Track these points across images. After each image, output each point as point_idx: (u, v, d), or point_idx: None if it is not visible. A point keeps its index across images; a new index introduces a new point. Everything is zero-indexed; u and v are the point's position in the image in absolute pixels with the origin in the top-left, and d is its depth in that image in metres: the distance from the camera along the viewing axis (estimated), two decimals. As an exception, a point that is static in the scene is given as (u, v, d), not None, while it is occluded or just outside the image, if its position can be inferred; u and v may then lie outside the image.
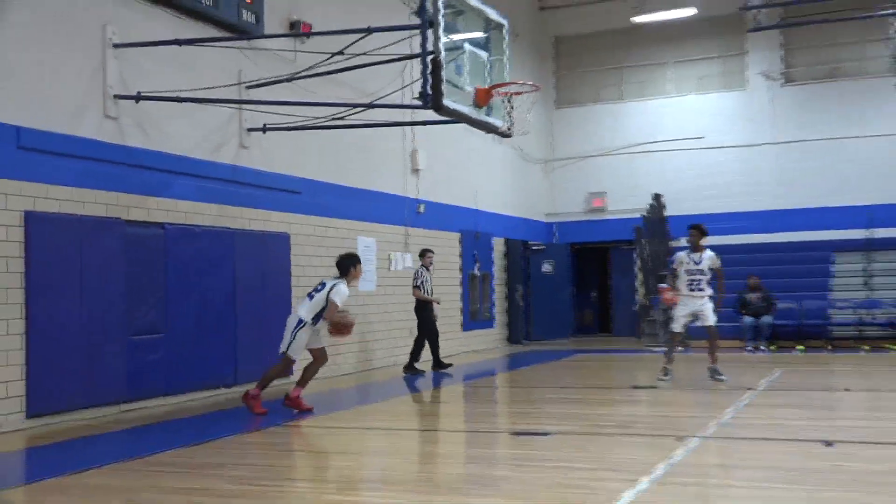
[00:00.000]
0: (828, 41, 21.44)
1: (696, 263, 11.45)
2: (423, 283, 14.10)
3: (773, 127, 21.54)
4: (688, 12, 21.38)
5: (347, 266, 9.64)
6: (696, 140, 21.82)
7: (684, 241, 21.29)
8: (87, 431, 8.66)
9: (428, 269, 14.29)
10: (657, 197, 21.36)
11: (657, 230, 21.12)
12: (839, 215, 20.39)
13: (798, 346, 17.20)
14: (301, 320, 9.41)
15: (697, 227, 11.68)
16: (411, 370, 14.00)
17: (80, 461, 7.10)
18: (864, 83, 20.74)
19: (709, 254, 11.49)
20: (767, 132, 21.58)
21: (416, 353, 14.18)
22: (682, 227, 21.40)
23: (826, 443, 7.19)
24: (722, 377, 11.26)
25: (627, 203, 21.75)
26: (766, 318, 17.63)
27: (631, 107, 22.90)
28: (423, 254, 14.49)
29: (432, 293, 14.34)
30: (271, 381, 9.70)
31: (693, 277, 11.43)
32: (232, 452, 7.55)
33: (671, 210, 21.55)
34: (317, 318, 9.40)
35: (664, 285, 18.72)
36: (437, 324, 14.49)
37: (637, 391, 11.48)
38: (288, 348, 9.44)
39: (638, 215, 21.10)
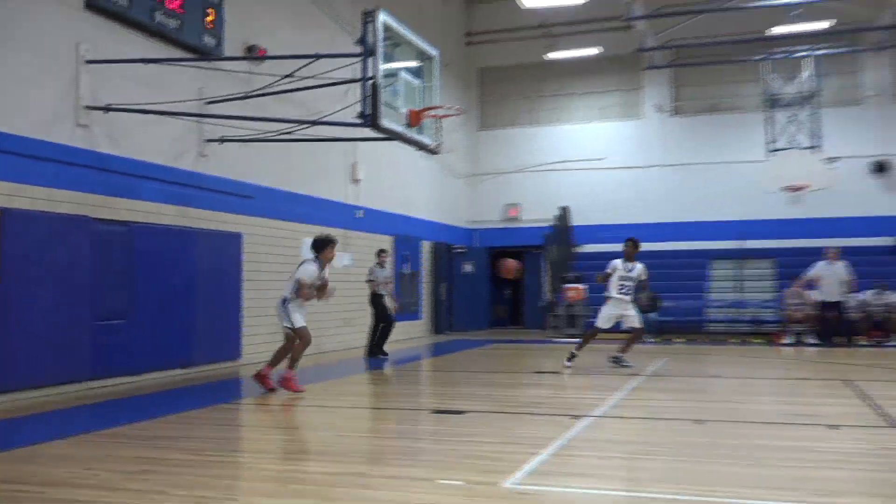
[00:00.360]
0: (710, 80, 21.98)
1: (628, 272, 11.58)
2: (375, 277, 14.13)
3: (663, 152, 21.98)
4: (593, 51, 21.75)
5: (317, 246, 9.49)
6: (598, 161, 22.16)
7: (587, 248, 21.80)
8: (53, 406, 8.41)
9: (382, 266, 14.30)
10: (564, 209, 21.63)
11: (563, 237, 21.39)
12: (716, 228, 20.91)
13: (679, 339, 17.56)
14: (285, 298, 9.32)
15: (633, 241, 11.77)
16: (378, 353, 14.07)
17: (45, 433, 6.93)
18: (739, 117, 21.31)
19: (639, 266, 11.64)
20: (658, 156, 22.01)
21: (373, 338, 14.23)
22: (585, 236, 21.86)
23: (698, 421, 7.37)
24: (629, 364, 11.61)
25: (539, 213, 21.96)
26: (652, 315, 17.96)
27: (544, 131, 23.13)
28: (378, 253, 14.51)
29: (387, 286, 14.34)
30: (298, 357, 9.45)
31: (624, 283, 11.57)
32: (185, 426, 7.40)
33: (576, 220, 21.88)
34: (296, 292, 9.28)
35: (569, 285, 19.07)
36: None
37: (541, 376, 11.58)
38: (290, 322, 9.25)
39: (547, 224, 21.35)
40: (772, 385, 11.05)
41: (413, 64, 11.56)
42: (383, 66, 10.14)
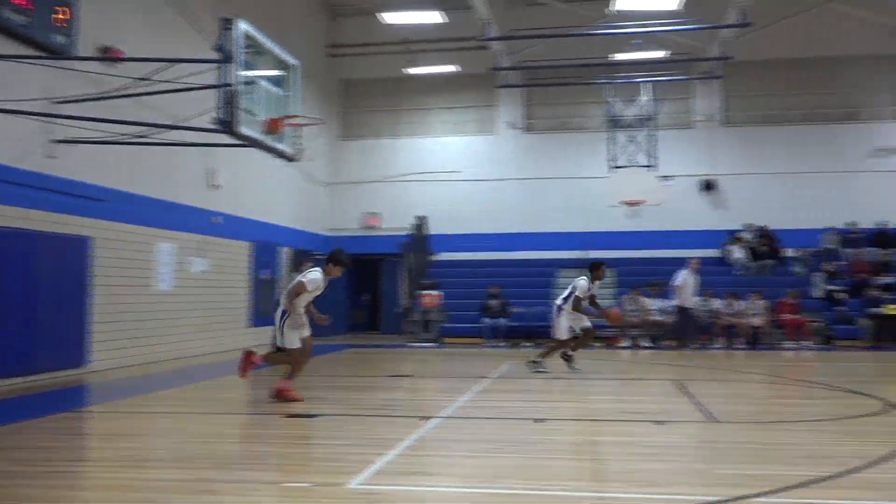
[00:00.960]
0: (559, 101, 22.74)
1: (593, 292, 11.89)
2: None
3: (515, 166, 22.53)
4: (450, 69, 22.07)
5: (327, 260, 8.84)
6: (455, 174, 22.46)
7: (444, 256, 22.02)
8: None
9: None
10: (420, 218, 21.77)
11: (420, 246, 21.52)
12: (563, 239, 21.58)
13: (527, 343, 17.96)
14: (284, 311, 8.61)
15: (604, 266, 12.12)
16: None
17: None
18: (585, 135, 22.12)
19: (597, 283, 12.02)
20: (511, 170, 22.53)
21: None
22: (442, 244, 22.05)
23: (538, 420, 7.56)
24: (578, 368, 11.83)
25: (397, 222, 21.99)
26: (502, 320, 18.36)
27: (404, 143, 23.23)
28: (300, 266, 14.28)
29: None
30: (297, 373, 8.86)
31: (589, 300, 11.86)
32: (18, 436, 6.89)
33: (434, 230, 22.06)
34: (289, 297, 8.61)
35: (425, 292, 19.18)
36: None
37: (395, 379, 11.57)
38: (283, 343, 8.60)
39: (406, 233, 21.43)
40: (608, 385, 11.46)
41: (274, 73, 11.36)
42: (243, 74, 9.92)
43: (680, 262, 17.45)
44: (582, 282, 11.76)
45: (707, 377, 11.84)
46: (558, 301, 11.98)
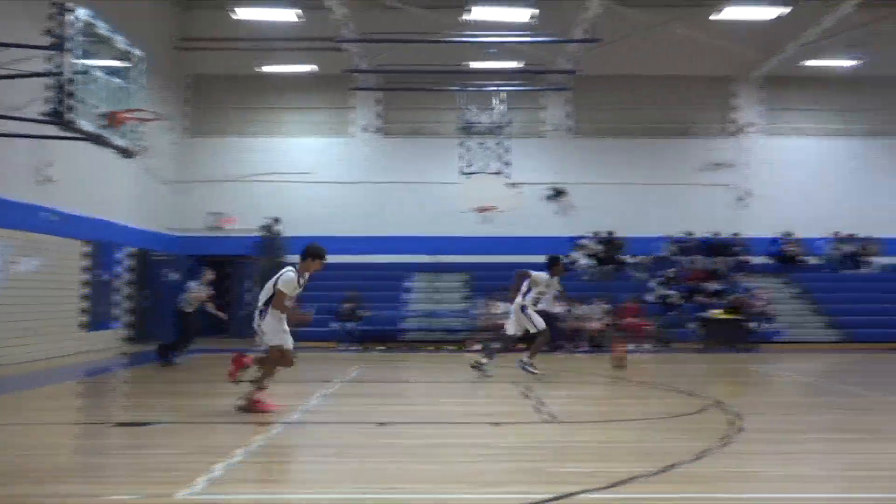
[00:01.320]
0: (414, 105, 22.94)
1: (548, 287, 11.84)
2: (199, 293, 13.53)
3: (369, 170, 22.57)
4: (305, 69, 21.81)
5: (303, 255, 8.26)
6: (308, 175, 22.21)
7: (297, 258, 21.63)
8: None
9: (205, 285, 13.63)
10: (271, 220, 21.36)
11: (271, 248, 21.11)
12: (416, 243, 21.81)
13: (377, 347, 17.97)
14: (261, 311, 8.00)
15: (560, 261, 12.05)
16: (167, 356, 13.50)
17: None
18: (439, 141, 22.42)
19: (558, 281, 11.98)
20: (365, 174, 22.55)
21: (175, 345, 13.64)
22: (297, 246, 21.60)
23: (386, 423, 7.56)
24: (535, 371, 11.78)
25: (250, 223, 21.50)
26: (354, 324, 18.27)
27: (257, 142, 22.77)
28: (205, 269, 13.86)
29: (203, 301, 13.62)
30: (269, 377, 8.26)
31: (540, 296, 11.82)
32: None
33: (288, 231, 21.67)
34: (267, 303, 8.02)
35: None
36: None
37: (240, 384, 11.22)
38: (264, 341, 8.03)
39: (258, 234, 20.96)
40: (455, 388, 11.61)
41: (115, 64, 10.86)
42: (79, 63, 9.42)
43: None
44: (542, 275, 11.94)
45: (551, 380, 12.23)
46: (519, 300, 11.97)
